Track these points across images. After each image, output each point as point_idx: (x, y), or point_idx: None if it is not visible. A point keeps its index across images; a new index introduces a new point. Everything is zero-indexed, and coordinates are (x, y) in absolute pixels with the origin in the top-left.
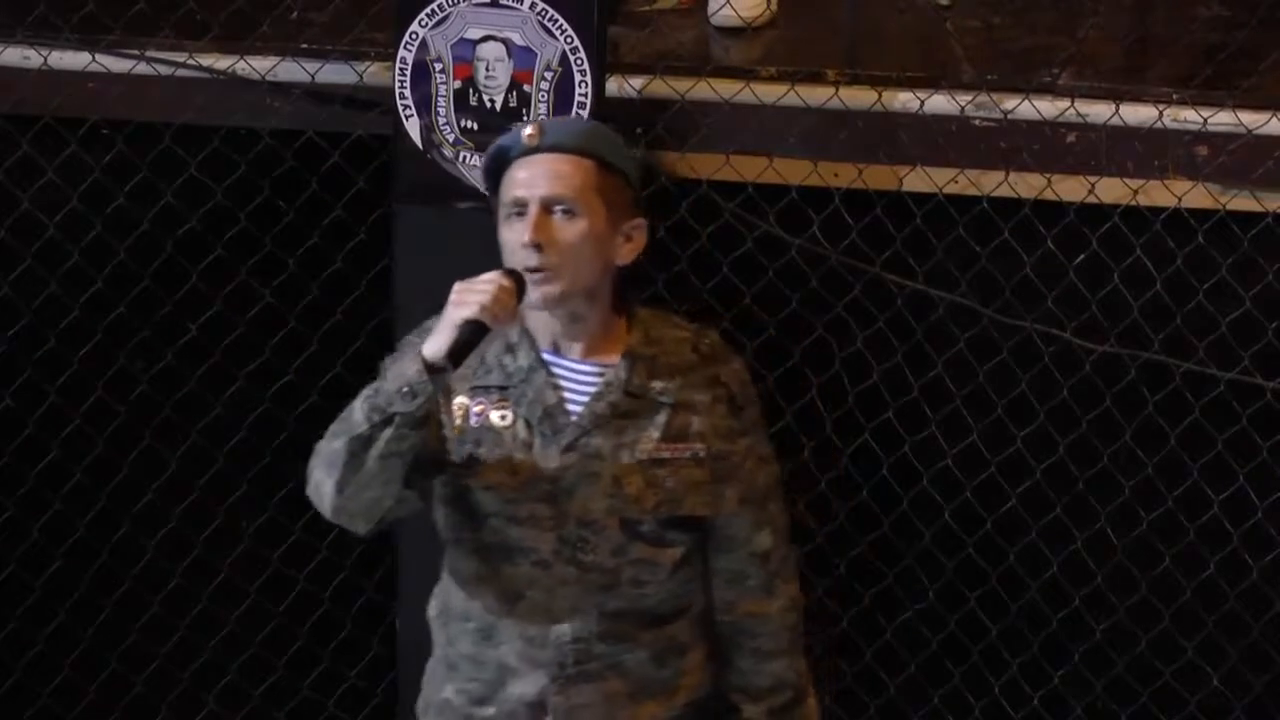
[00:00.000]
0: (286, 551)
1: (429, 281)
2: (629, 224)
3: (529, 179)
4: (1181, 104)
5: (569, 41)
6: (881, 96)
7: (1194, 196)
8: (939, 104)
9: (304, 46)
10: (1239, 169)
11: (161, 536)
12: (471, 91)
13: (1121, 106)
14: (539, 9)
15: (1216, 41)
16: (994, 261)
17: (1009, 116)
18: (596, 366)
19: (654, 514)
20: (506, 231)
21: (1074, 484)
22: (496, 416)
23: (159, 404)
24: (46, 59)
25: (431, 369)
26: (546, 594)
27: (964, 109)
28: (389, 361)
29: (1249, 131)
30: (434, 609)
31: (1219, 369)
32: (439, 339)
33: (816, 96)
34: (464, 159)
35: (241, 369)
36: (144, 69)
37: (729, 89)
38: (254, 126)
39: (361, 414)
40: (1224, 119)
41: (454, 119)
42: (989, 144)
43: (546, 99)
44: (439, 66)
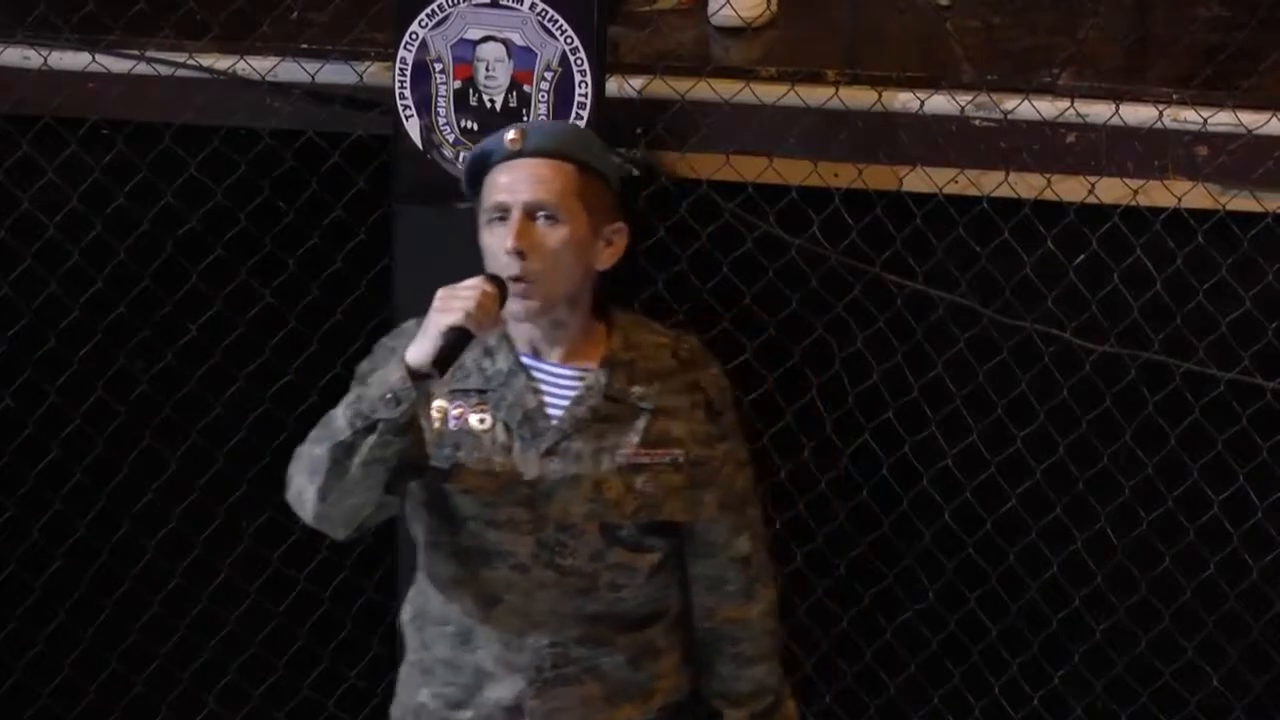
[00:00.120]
0: (286, 551)
1: (429, 281)
2: (609, 228)
3: (511, 184)
4: (1181, 104)
5: (569, 42)
6: (881, 96)
7: (1194, 196)
8: (939, 104)
9: (304, 46)
10: (1239, 169)
11: (161, 536)
12: (471, 92)
13: (1121, 106)
14: (539, 9)
15: (1216, 41)
16: (994, 261)
17: (1009, 116)
18: (576, 371)
19: (633, 519)
20: (488, 236)
21: (1074, 484)
22: (475, 420)
23: (159, 404)
24: (46, 59)
25: (416, 375)
26: (524, 598)
27: (964, 109)
28: (366, 365)
29: (1249, 131)
30: (408, 613)
31: (1219, 369)
32: (423, 345)
33: (816, 96)
34: (464, 159)
35: (241, 369)
36: (144, 69)
37: (729, 89)
38: (254, 126)
39: (344, 420)
40: (1224, 119)
41: (454, 119)
42: (989, 144)
43: (546, 99)
44: (439, 67)
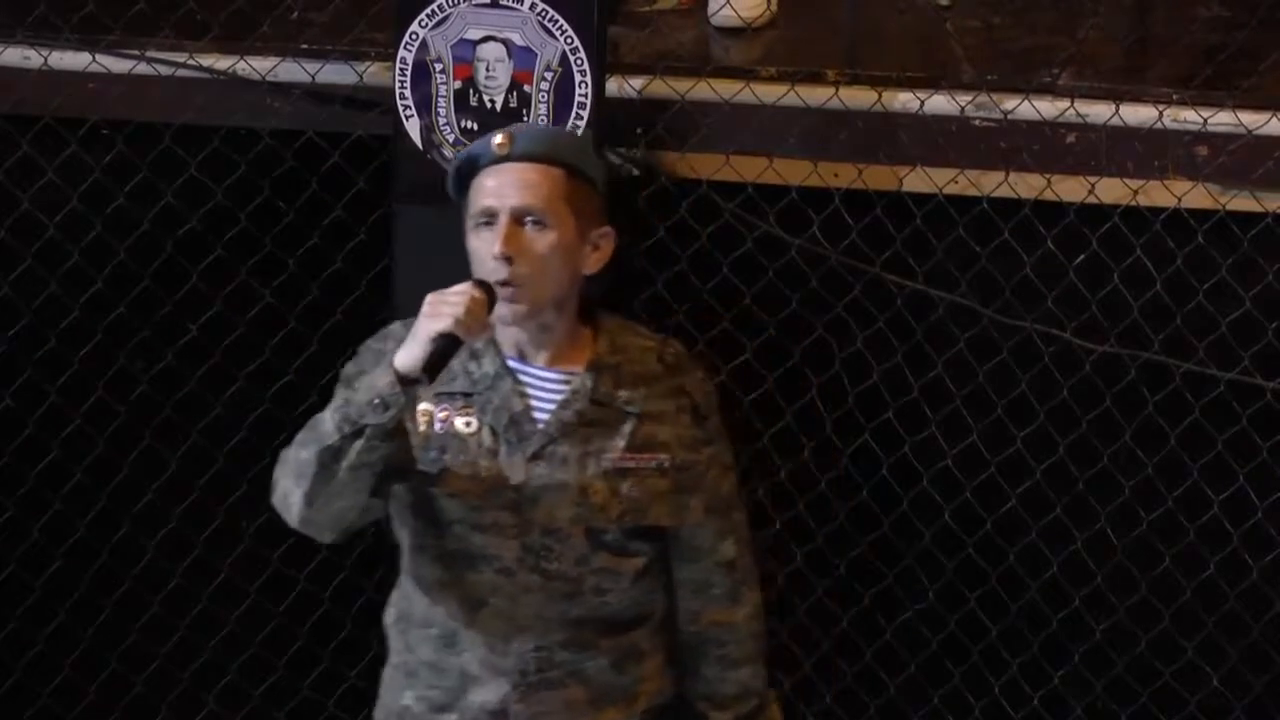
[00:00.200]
0: (286, 551)
1: (429, 281)
2: (596, 233)
3: (498, 188)
4: (1181, 104)
5: (569, 42)
6: (881, 96)
7: (1194, 196)
8: (939, 104)
9: (304, 46)
10: (1239, 169)
11: (161, 536)
12: (471, 92)
13: (1121, 106)
14: (539, 9)
15: (1216, 41)
16: (994, 262)
17: (1009, 116)
18: (562, 375)
19: (619, 524)
20: (475, 240)
21: (1074, 484)
22: (461, 423)
23: (159, 404)
24: (46, 59)
25: (404, 381)
26: (509, 602)
27: (964, 109)
28: (351, 368)
29: (1249, 131)
30: (391, 616)
31: (1219, 369)
32: (412, 351)
33: (816, 96)
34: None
35: (241, 369)
36: (144, 69)
37: (729, 89)
38: (254, 126)
39: (332, 425)
40: (1224, 119)
41: (454, 119)
42: (989, 144)
43: (546, 99)
44: (439, 67)
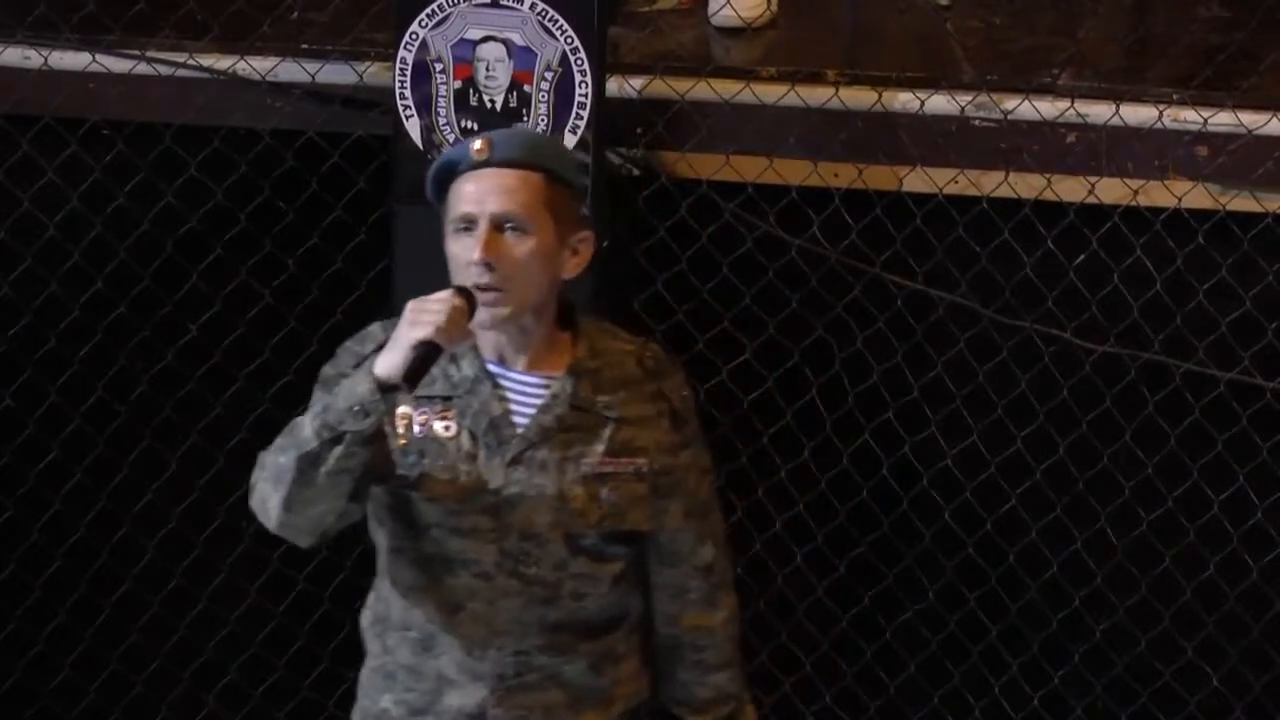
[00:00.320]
0: (286, 551)
1: (429, 281)
2: (575, 237)
3: (477, 194)
4: (1181, 104)
5: (569, 42)
6: (881, 97)
7: (1194, 197)
8: (939, 104)
9: (304, 47)
10: (1239, 169)
11: (161, 536)
12: (472, 92)
13: (1121, 107)
14: (539, 9)
15: (1216, 42)
16: (994, 262)
17: (1009, 117)
18: (541, 379)
19: (598, 528)
20: (454, 245)
21: (1074, 484)
22: (440, 427)
23: (159, 404)
24: (46, 59)
25: (384, 388)
26: (487, 606)
27: (964, 109)
28: (329, 369)
29: (1249, 131)
30: (368, 618)
31: (1219, 369)
32: (393, 358)
33: (816, 97)
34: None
35: (241, 369)
36: (144, 69)
37: (729, 89)
38: (254, 126)
39: (311, 430)
40: (1224, 119)
41: (454, 119)
42: (989, 144)
43: (546, 99)
44: (439, 67)
